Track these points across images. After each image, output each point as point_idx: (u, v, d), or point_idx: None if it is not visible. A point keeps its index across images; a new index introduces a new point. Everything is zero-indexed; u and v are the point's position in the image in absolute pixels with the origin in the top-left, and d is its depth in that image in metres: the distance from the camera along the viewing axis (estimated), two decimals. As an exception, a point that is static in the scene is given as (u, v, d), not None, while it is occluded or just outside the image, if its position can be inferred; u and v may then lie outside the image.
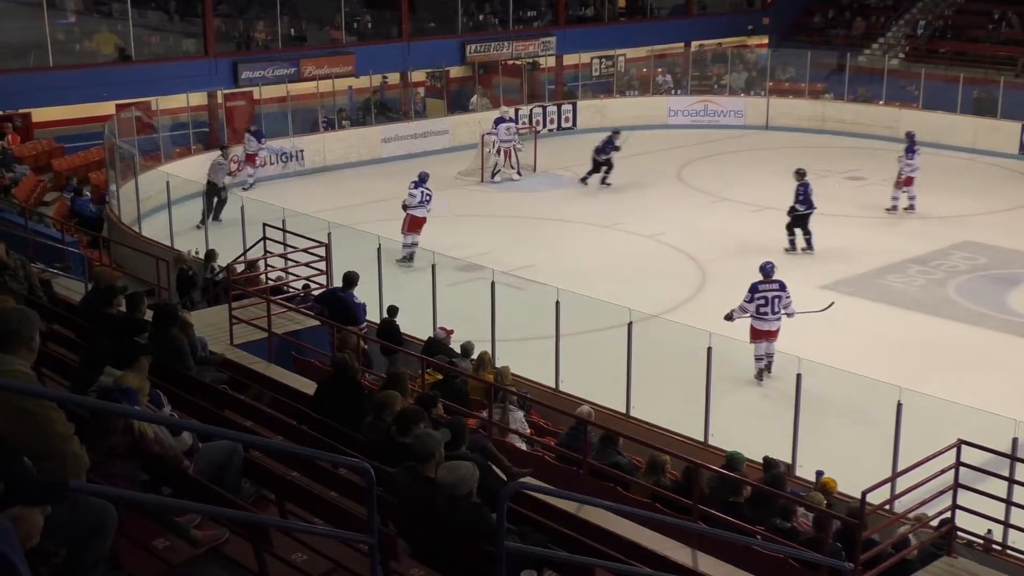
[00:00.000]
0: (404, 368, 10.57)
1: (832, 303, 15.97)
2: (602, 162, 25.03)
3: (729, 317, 14.76)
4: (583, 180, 25.18)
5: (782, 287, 14.82)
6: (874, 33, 35.86)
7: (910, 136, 23.11)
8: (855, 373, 11.95)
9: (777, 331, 14.78)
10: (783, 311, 14.76)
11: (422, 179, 20.25)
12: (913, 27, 35.33)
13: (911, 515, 8.87)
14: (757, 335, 14.76)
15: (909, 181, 22.64)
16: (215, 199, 21.91)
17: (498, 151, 25.67)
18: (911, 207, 22.84)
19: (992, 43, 33.00)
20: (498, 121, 25.94)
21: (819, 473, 10.68)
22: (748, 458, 10.00)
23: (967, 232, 21.53)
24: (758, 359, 14.77)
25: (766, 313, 14.65)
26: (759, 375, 14.77)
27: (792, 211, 19.79)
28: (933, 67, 31.73)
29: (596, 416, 10.58)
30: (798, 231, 19.88)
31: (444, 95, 31.30)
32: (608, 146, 25.04)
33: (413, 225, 19.74)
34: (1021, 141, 28.05)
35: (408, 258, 19.26)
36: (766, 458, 10.06)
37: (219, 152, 23.35)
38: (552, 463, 9.87)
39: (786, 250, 19.72)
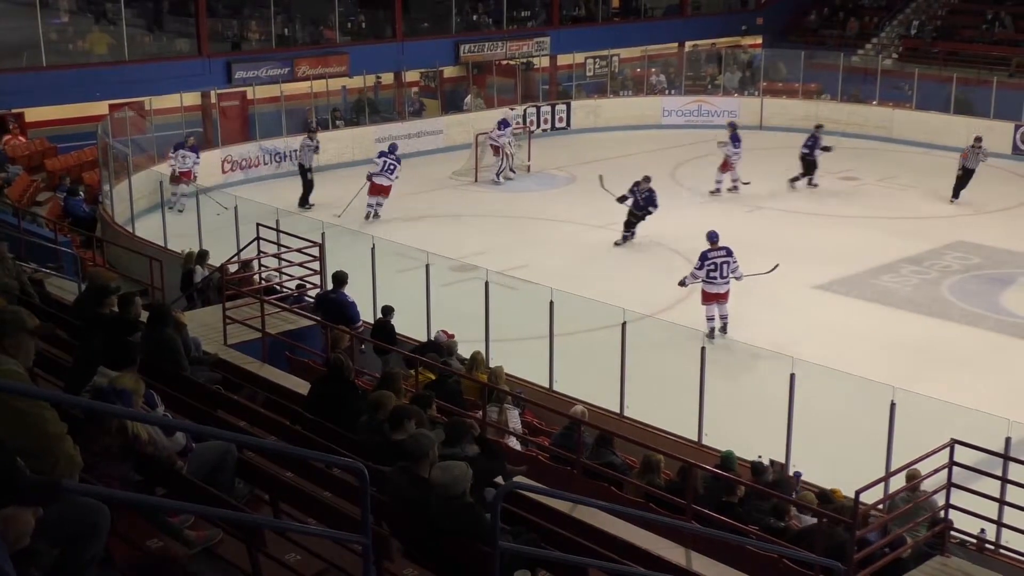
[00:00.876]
0: (398, 368, 10.58)
1: (777, 265, 16.83)
2: (811, 161, 24.79)
3: (682, 283, 16.46)
4: (792, 182, 24.79)
5: (729, 253, 16.25)
6: (868, 33, 35.91)
7: (732, 126, 24.88)
8: (849, 373, 11.96)
9: (726, 293, 16.20)
10: (731, 275, 16.17)
11: (391, 149, 22.45)
12: (907, 27, 35.39)
13: (905, 473, 8.90)
14: (708, 298, 16.24)
15: (732, 166, 24.34)
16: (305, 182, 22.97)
17: (498, 151, 25.72)
18: (735, 188, 24.43)
19: (985, 43, 33.05)
20: (504, 124, 25.97)
21: (797, 474, 10.66)
22: (741, 458, 10.02)
23: (960, 232, 21.57)
24: (709, 319, 16.15)
25: (715, 277, 16.12)
26: (711, 333, 15.83)
27: (645, 212, 20.49)
28: (926, 67, 31.78)
29: (590, 416, 10.60)
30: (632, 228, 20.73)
31: (438, 95, 31.29)
32: (813, 143, 24.81)
33: (374, 189, 21.97)
34: (1014, 141, 28.14)
35: (372, 215, 21.88)
36: (754, 464, 10.06)
37: (306, 134, 23.85)
38: (546, 463, 9.88)
39: (616, 243, 20.61)
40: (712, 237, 16.47)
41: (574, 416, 10.10)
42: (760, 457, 10.28)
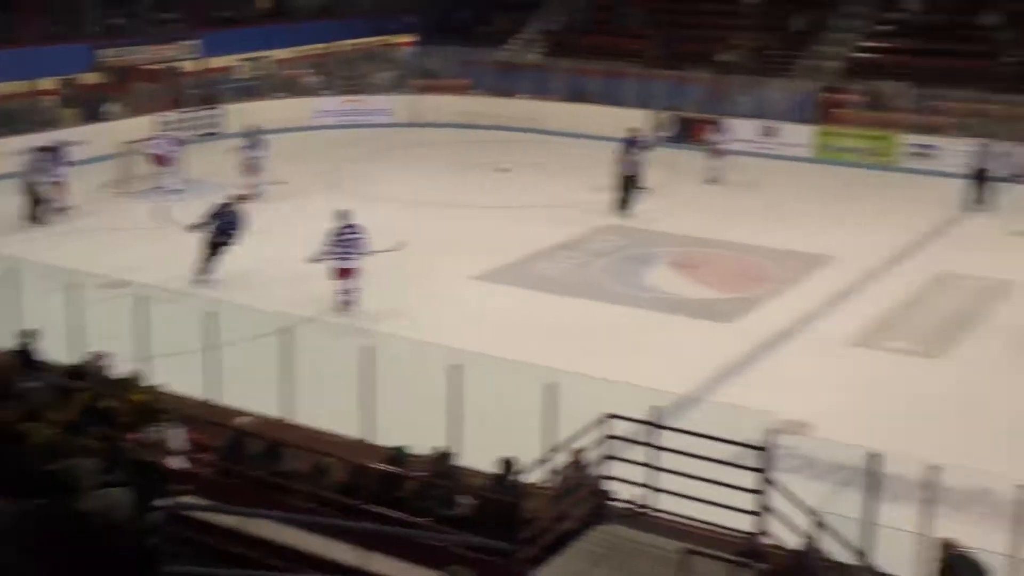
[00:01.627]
0: (45, 397, 9.97)
1: (402, 242, 17.55)
2: (629, 177, 23.22)
3: (313, 259, 16.83)
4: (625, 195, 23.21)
5: (358, 230, 16.95)
6: (514, 30, 37.23)
7: (252, 133, 24.83)
8: (510, 359, 12.37)
9: (356, 269, 16.86)
10: (360, 251, 16.86)
11: (47, 148, 22.81)
12: (551, 23, 36.99)
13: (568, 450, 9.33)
14: (338, 273, 16.87)
15: (258, 169, 24.27)
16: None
17: (160, 161, 24.94)
18: (255, 194, 22.85)
19: (625, 37, 35.09)
20: (179, 142, 25.61)
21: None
22: (412, 453, 10.15)
23: (608, 217, 22.91)
24: (339, 293, 16.87)
25: (345, 253, 16.79)
26: (342, 307, 16.74)
27: (228, 237, 18.41)
28: (571, 61, 33.45)
29: (259, 425, 10.42)
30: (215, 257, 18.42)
31: (77, 103, 29.53)
32: (629, 147, 23.38)
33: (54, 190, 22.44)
34: (652, 129, 30.18)
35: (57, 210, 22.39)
36: (438, 451, 10.22)
37: (37, 152, 22.66)
38: (212, 479, 9.60)
39: (200, 280, 18.03)
40: (342, 215, 17.08)
41: (239, 427, 9.89)
42: (432, 448, 10.44)
